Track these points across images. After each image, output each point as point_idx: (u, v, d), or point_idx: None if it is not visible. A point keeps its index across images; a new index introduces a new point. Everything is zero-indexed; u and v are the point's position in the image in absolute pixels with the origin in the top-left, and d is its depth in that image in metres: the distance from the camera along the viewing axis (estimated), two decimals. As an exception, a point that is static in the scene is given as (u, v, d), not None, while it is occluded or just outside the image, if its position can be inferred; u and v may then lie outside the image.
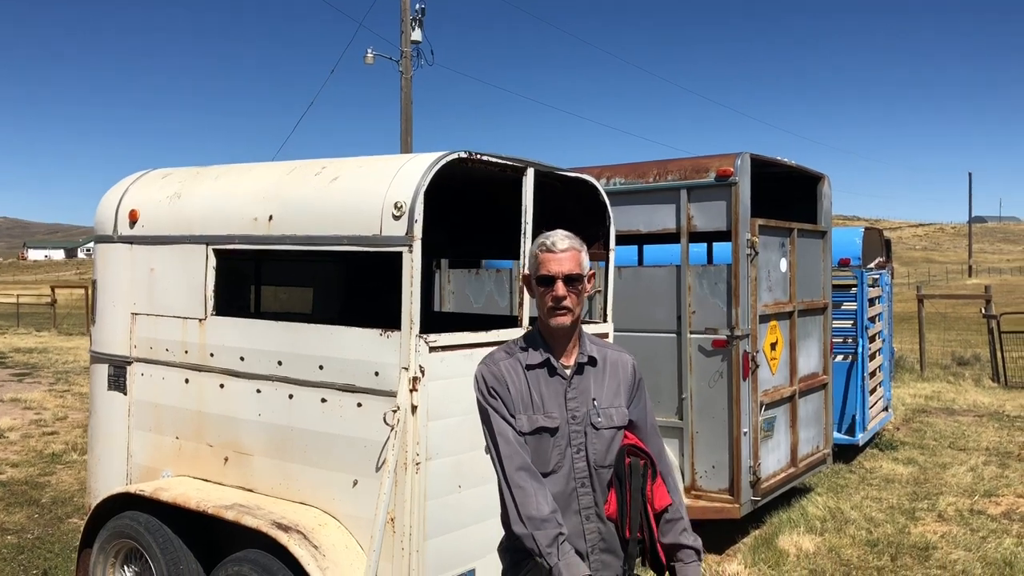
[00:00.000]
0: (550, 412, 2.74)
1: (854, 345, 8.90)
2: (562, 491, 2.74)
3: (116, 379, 4.88)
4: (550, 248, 2.75)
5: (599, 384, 2.81)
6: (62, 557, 5.96)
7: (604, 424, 2.77)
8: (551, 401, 2.76)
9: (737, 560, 5.99)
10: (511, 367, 2.78)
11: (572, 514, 2.75)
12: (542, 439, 2.73)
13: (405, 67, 21.32)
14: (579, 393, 2.78)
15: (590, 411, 2.77)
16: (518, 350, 2.82)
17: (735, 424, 6.03)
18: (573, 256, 2.76)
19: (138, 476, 4.77)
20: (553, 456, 2.74)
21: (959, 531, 6.63)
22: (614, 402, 2.81)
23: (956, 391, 13.68)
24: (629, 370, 2.88)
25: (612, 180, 6.54)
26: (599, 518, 2.76)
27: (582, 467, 2.75)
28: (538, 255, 2.77)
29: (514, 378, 2.77)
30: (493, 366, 2.80)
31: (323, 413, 3.94)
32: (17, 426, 10.59)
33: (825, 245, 7.47)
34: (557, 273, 2.72)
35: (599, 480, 2.76)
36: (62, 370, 16.36)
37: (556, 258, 2.74)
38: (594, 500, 2.76)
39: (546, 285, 2.73)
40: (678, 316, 6.26)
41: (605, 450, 2.77)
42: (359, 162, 4.12)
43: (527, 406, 2.74)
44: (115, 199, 5.00)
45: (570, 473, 2.75)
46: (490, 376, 2.78)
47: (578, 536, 2.74)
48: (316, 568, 3.59)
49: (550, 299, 2.72)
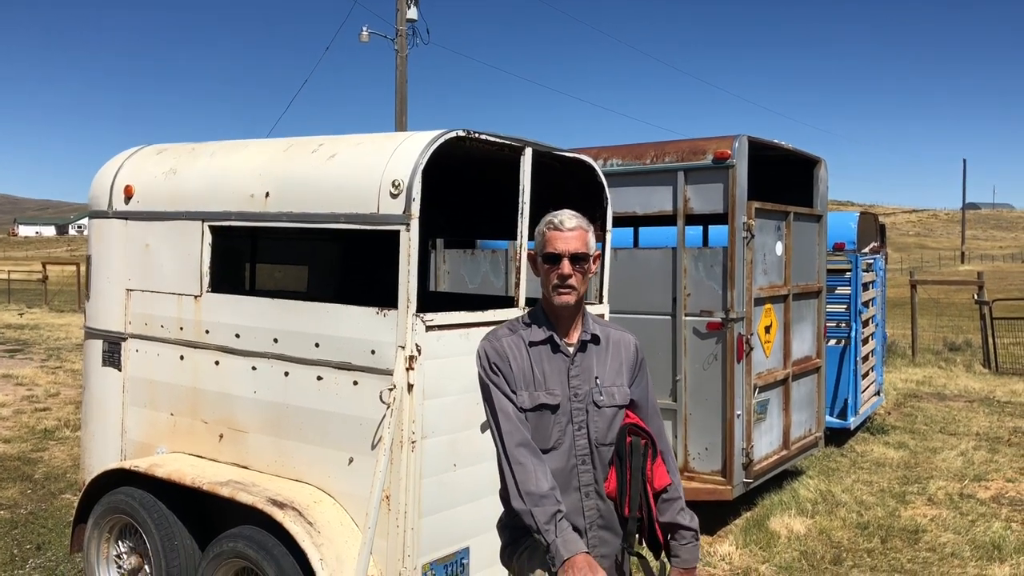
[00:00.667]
0: (552, 389, 2.75)
1: (847, 329, 8.93)
2: (562, 468, 2.75)
3: (111, 355, 4.87)
4: (557, 226, 2.75)
5: (601, 362, 2.83)
6: (55, 532, 5.97)
7: (606, 402, 2.78)
8: (553, 378, 2.77)
9: (729, 541, 6.04)
10: (514, 344, 2.79)
11: (572, 491, 2.77)
12: (543, 416, 2.75)
13: (400, 46, 21.20)
14: (582, 371, 2.79)
15: (592, 389, 2.79)
16: (521, 327, 2.83)
17: (728, 406, 6.06)
18: (580, 235, 2.75)
19: (133, 452, 4.77)
20: (554, 433, 2.76)
21: (949, 514, 6.69)
22: (616, 381, 2.82)
23: (947, 376, 13.75)
24: (632, 350, 2.89)
25: (610, 161, 6.52)
26: (598, 495, 2.78)
27: (583, 444, 2.77)
28: (545, 233, 2.77)
29: (516, 355, 2.77)
30: (496, 342, 2.80)
31: (319, 391, 3.94)
32: (9, 402, 10.57)
33: (821, 229, 7.48)
34: (564, 251, 2.72)
35: (599, 458, 2.78)
36: (54, 347, 16.32)
37: (563, 236, 2.74)
38: (594, 477, 2.78)
39: (552, 263, 2.74)
40: (673, 298, 6.27)
41: (606, 428, 2.79)
42: (357, 139, 4.10)
43: (529, 383, 2.75)
44: (110, 174, 4.97)
45: (571, 450, 2.77)
46: (492, 352, 2.79)
47: (577, 513, 2.76)
48: (311, 544, 3.60)
49: (555, 277, 2.73)
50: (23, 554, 5.62)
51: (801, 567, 5.64)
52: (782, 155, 7.15)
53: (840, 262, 8.90)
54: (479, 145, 4.07)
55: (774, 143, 6.73)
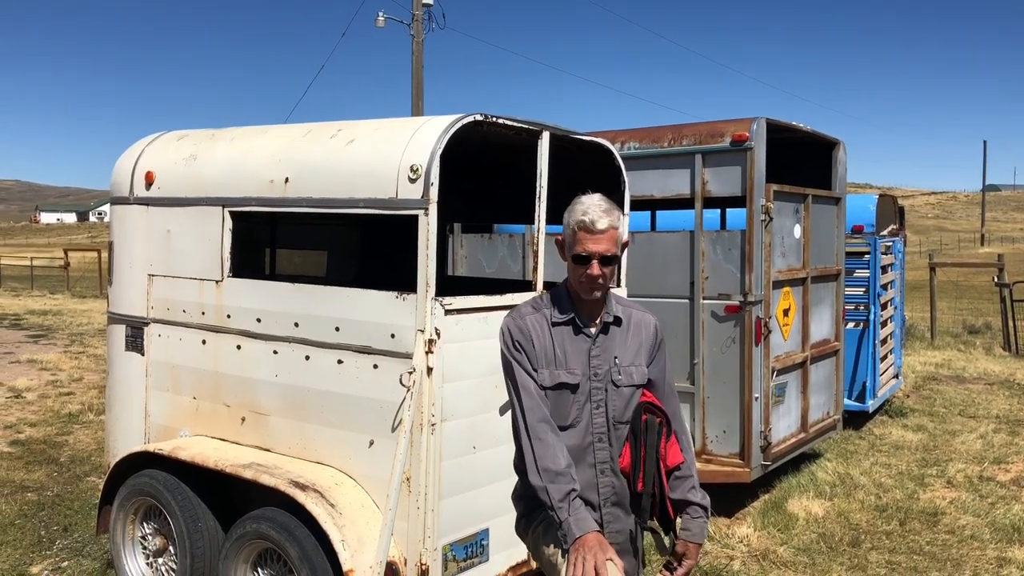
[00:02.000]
0: (572, 369, 2.79)
1: (866, 312, 8.90)
2: (579, 444, 2.81)
3: (133, 340, 4.93)
4: (589, 227, 2.70)
5: (622, 343, 2.86)
6: (81, 514, 6.07)
7: (624, 382, 2.83)
8: (574, 358, 2.80)
9: (747, 523, 6.05)
10: (537, 322, 2.82)
11: (587, 467, 2.82)
12: (562, 394, 2.79)
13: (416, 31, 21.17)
14: (602, 351, 2.83)
15: (611, 368, 2.82)
16: (545, 306, 2.86)
17: (746, 389, 6.06)
18: (611, 236, 2.72)
19: (156, 436, 4.84)
20: (572, 411, 2.80)
21: (968, 497, 6.67)
22: (635, 360, 2.86)
23: (967, 359, 13.67)
24: (652, 330, 2.94)
25: (627, 144, 6.51)
26: (613, 472, 2.84)
27: (600, 422, 2.82)
28: (576, 231, 2.73)
29: (539, 333, 2.81)
30: (520, 320, 2.84)
31: (339, 374, 3.98)
32: (34, 387, 10.71)
33: (839, 212, 7.44)
34: (594, 253, 2.71)
35: (616, 436, 2.83)
36: (76, 332, 16.50)
37: (594, 238, 2.70)
38: (610, 455, 2.83)
39: (582, 264, 2.73)
40: (691, 282, 6.26)
41: (624, 407, 2.84)
42: (375, 125, 4.12)
43: (550, 361, 2.79)
44: (131, 161, 5.01)
45: (588, 428, 2.82)
46: (516, 330, 2.82)
47: (591, 488, 2.82)
48: (333, 526, 3.65)
49: (585, 277, 2.73)
50: (50, 535, 5.72)
51: (819, 549, 5.65)
52: (800, 137, 7.11)
53: (859, 245, 8.86)
54: (496, 129, 4.08)
55: (792, 125, 6.69)
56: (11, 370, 11.91)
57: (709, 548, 5.59)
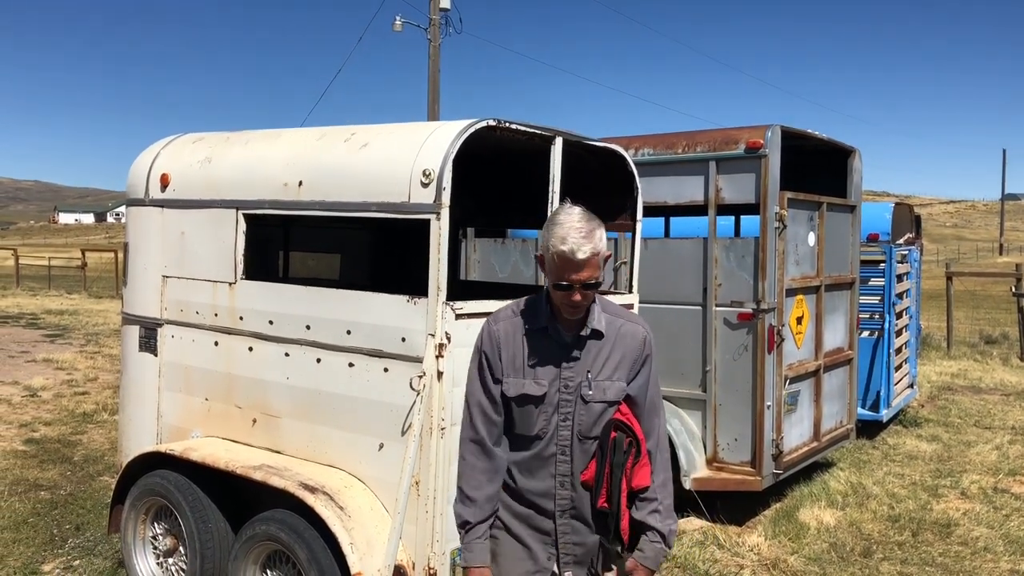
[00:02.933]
0: (541, 379, 2.73)
1: (881, 321, 8.85)
2: (542, 455, 2.77)
3: (147, 340, 4.96)
4: (569, 257, 2.58)
5: (600, 356, 2.76)
6: (94, 513, 6.11)
7: (595, 398, 2.74)
8: (545, 368, 2.74)
9: (758, 532, 6.03)
10: (510, 329, 2.78)
11: (548, 477, 2.78)
12: (527, 407, 2.76)
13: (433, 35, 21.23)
14: (576, 364, 2.74)
15: (582, 382, 2.74)
16: (521, 312, 2.80)
17: (759, 397, 6.04)
18: (593, 263, 2.61)
19: (168, 436, 4.86)
20: (538, 422, 2.76)
21: (982, 509, 6.62)
22: (612, 376, 2.75)
23: (983, 369, 13.56)
24: (638, 343, 2.79)
25: (641, 151, 6.51)
26: (572, 486, 2.78)
27: (566, 435, 2.75)
28: (556, 258, 2.61)
29: (510, 341, 2.76)
30: (494, 325, 2.81)
31: (350, 377, 3.99)
32: (49, 386, 10.79)
33: (854, 219, 7.41)
34: (575, 282, 2.61)
35: (581, 449, 2.77)
36: (92, 332, 16.61)
37: (575, 265, 2.59)
38: (571, 469, 2.77)
39: (563, 291, 2.64)
40: (704, 288, 6.25)
41: (592, 423, 2.75)
42: (389, 129, 4.14)
43: (518, 370, 2.74)
44: (147, 163, 5.05)
45: (553, 439, 2.76)
46: (486, 336, 2.80)
47: (548, 498, 2.79)
48: (342, 528, 3.66)
49: (567, 303, 2.65)
50: (63, 534, 5.76)
51: (830, 559, 5.62)
52: (815, 145, 7.09)
53: (874, 253, 8.81)
54: (510, 134, 4.09)
55: (807, 133, 6.67)
56: (27, 369, 12.01)
57: (719, 556, 5.57)
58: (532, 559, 2.82)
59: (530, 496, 2.81)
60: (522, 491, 2.82)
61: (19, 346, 14.37)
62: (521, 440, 2.80)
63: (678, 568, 5.33)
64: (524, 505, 2.83)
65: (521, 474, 2.82)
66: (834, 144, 7.18)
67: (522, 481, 2.82)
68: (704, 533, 5.97)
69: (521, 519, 2.84)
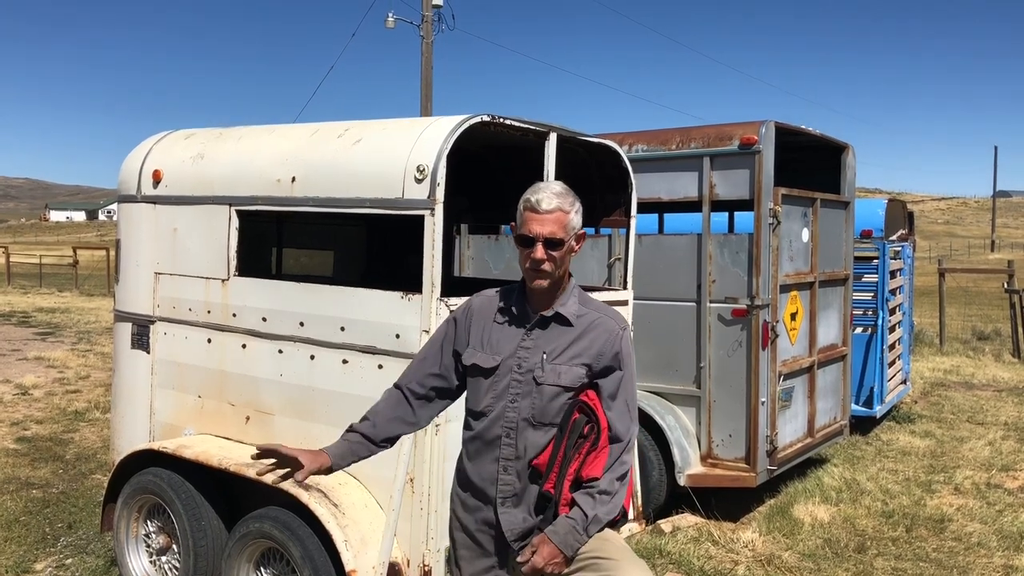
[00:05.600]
0: (496, 354, 2.73)
1: (874, 317, 8.86)
2: (486, 435, 2.73)
3: (139, 338, 4.93)
4: (534, 207, 2.62)
5: (561, 342, 2.71)
6: (86, 511, 6.08)
7: (547, 380, 2.67)
8: (504, 345, 2.74)
9: (752, 528, 6.03)
10: (486, 304, 2.84)
11: (491, 461, 2.73)
12: (477, 378, 2.77)
13: (426, 31, 21.20)
14: (534, 345, 2.71)
15: (536, 363, 2.69)
16: (502, 293, 2.85)
17: (753, 393, 6.03)
18: (557, 218, 2.62)
19: (161, 434, 4.84)
20: (485, 398, 2.74)
21: (975, 504, 6.64)
22: (571, 362, 2.69)
23: (976, 365, 13.60)
24: (609, 337, 2.72)
25: (634, 147, 6.50)
26: (517, 473, 2.71)
27: (512, 417, 2.70)
28: (522, 212, 2.65)
29: (482, 316, 2.81)
30: (475, 299, 2.88)
31: (344, 374, 3.98)
32: (41, 384, 10.74)
33: (848, 216, 7.41)
34: (538, 235, 2.61)
35: (527, 435, 2.69)
36: (84, 330, 16.55)
37: (539, 218, 2.61)
38: (515, 453, 2.70)
39: (526, 246, 2.64)
40: (698, 285, 6.24)
41: (543, 407, 2.68)
42: (382, 124, 4.12)
43: (482, 343, 2.78)
44: (139, 159, 5.02)
45: (498, 420, 2.72)
46: (464, 305, 2.89)
47: (491, 483, 2.73)
48: (336, 526, 3.65)
49: (528, 260, 2.65)
50: (55, 532, 5.73)
51: (825, 554, 5.62)
52: (809, 141, 7.09)
53: (867, 249, 8.82)
54: (504, 130, 4.08)
55: (801, 128, 6.67)
56: (19, 367, 11.96)
57: (714, 553, 5.57)
58: (485, 555, 2.79)
59: (476, 482, 2.77)
60: (469, 476, 2.80)
61: (10, 344, 14.31)
62: (472, 417, 2.81)
63: (672, 564, 5.33)
64: (472, 494, 2.79)
65: (469, 458, 2.81)
66: (828, 140, 7.18)
67: (470, 466, 2.80)
68: (699, 529, 5.97)
69: (470, 511, 2.80)
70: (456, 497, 2.87)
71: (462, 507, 2.83)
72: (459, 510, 2.84)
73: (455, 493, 2.88)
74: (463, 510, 2.83)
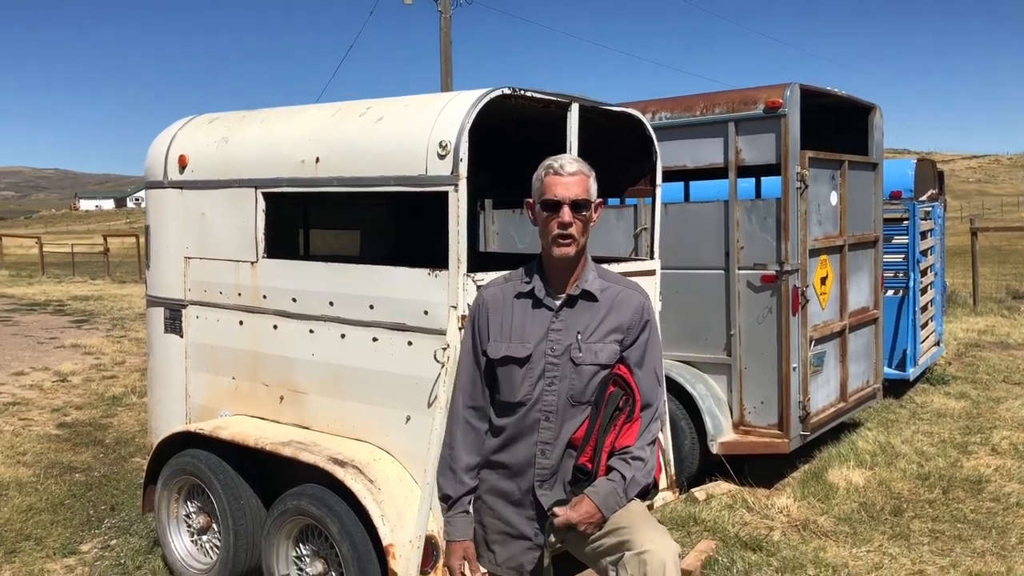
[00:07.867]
0: (527, 342, 2.69)
1: (905, 279, 8.76)
2: (524, 421, 2.71)
3: (172, 322, 4.99)
4: (557, 171, 2.64)
5: (592, 319, 2.71)
6: (128, 494, 6.20)
7: (585, 360, 2.67)
8: (532, 331, 2.70)
9: (786, 494, 6.02)
10: (498, 294, 2.79)
11: (529, 445, 2.72)
12: (510, 369, 2.71)
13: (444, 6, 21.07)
14: (565, 326, 2.69)
15: (572, 345, 2.68)
16: (515, 278, 2.81)
17: (784, 360, 6.00)
18: (581, 181, 2.63)
19: (196, 416, 4.91)
20: (523, 387, 2.70)
21: (1013, 464, 6.58)
22: (606, 339, 2.69)
23: (1011, 325, 13.42)
24: (633, 308, 2.74)
25: (658, 115, 6.44)
26: (555, 454, 2.71)
27: (551, 401, 2.68)
28: (544, 178, 2.66)
29: (498, 306, 2.76)
30: (484, 293, 2.84)
31: (375, 352, 4.01)
32: (79, 370, 10.92)
33: (876, 177, 7.31)
34: (564, 198, 2.61)
35: (568, 415, 2.69)
36: (118, 316, 16.77)
37: (563, 182, 2.62)
38: (554, 436, 2.70)
39: (551, 210, 2.63)
40: (726, 252, 6.20)
41: (583, 387, 2.68)
42: (404, 102, 4.11)
43: (505, 334, 2.72)
44: (164, 145, 5.06)
45: (537, 404, 2.70)
46: (474, 304, 2.85)
47: (528, 465, 2.73)
48: (372, 501, 3.69)
49: (555, 225, 2.63)
50: (99, 514, 5.85)
51: (860, 518, 5.61)
52: (835, 103, 6.99)
53: (897, 211, 8.70)
54: (525, 102, 4.05)
55: (827, 90, 6.57)
56: (56, 355, 12.16)
57: (748, 519, 5.57)
58: (521, 537, 2.78)
59: (511, 468, 2.75)
60: (504, 463, 2.77)
61: (47, 332, 14.54)
62: (505, 407, 2.76)
63: (708, 532, 5.34)
64: (505, 479, 2.77)
65: (503, 445, 2.77)
66: (853, 101, 7.08)
67: (503, 453, 2.77)
68: (733, 496, 5.97)
69: (503, 496, 2.78)
70: (488, 487, 2.84)
71: (491, 492, 2.82)
72: (488, 496, 2.83)
73: (484, 480, 2.85)
74: (493, 495, 2.81)
